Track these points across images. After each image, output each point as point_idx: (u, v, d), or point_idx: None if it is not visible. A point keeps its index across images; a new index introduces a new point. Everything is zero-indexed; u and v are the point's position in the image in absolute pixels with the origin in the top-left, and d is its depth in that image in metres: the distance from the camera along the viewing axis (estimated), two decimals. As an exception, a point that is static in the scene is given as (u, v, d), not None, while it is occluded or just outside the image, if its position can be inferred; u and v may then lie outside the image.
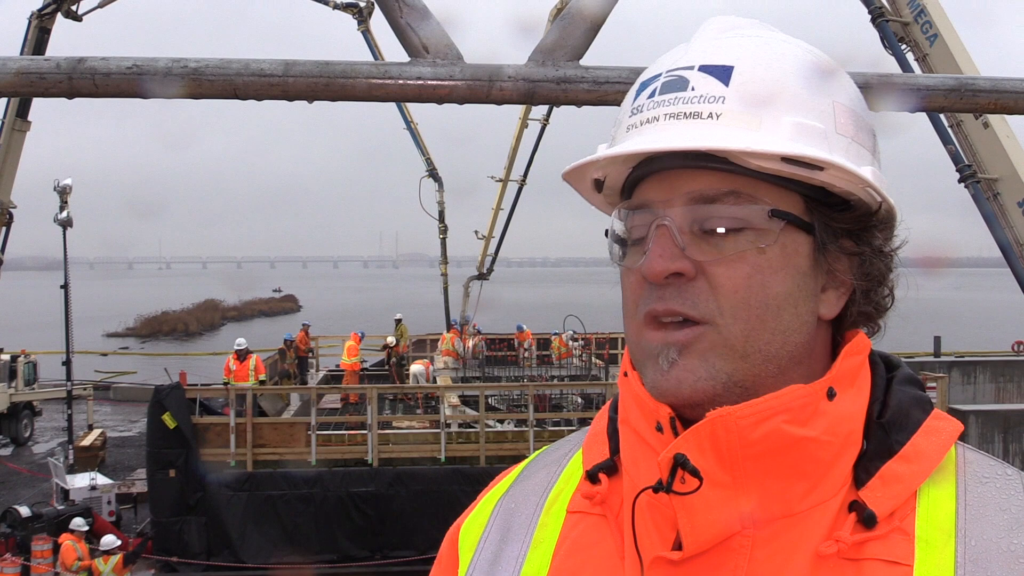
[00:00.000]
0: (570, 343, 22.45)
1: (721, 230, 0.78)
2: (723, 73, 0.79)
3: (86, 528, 13.21)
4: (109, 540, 12.54)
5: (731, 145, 0.75)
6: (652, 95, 0.82)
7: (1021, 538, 0.73)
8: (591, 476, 0.88)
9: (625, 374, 0.87)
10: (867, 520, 0.75)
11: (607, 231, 0.87)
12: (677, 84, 0.81)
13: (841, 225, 0.81)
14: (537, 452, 1.04)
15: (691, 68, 0.81)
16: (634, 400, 0.84)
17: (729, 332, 0.77)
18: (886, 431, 0.79)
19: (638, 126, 0.82)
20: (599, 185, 0.90)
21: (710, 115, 0.78)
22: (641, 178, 0.83)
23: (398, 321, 24.48)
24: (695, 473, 0.76)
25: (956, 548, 0.74)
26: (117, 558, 12.08)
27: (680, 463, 0.76)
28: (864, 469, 0.78)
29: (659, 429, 0.81)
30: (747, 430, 0.75)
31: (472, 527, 0.98)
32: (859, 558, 0.75)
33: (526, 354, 23.35)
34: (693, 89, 0.80)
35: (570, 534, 0.88)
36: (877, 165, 0.83)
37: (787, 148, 0.76)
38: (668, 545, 0.78)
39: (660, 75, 0.83)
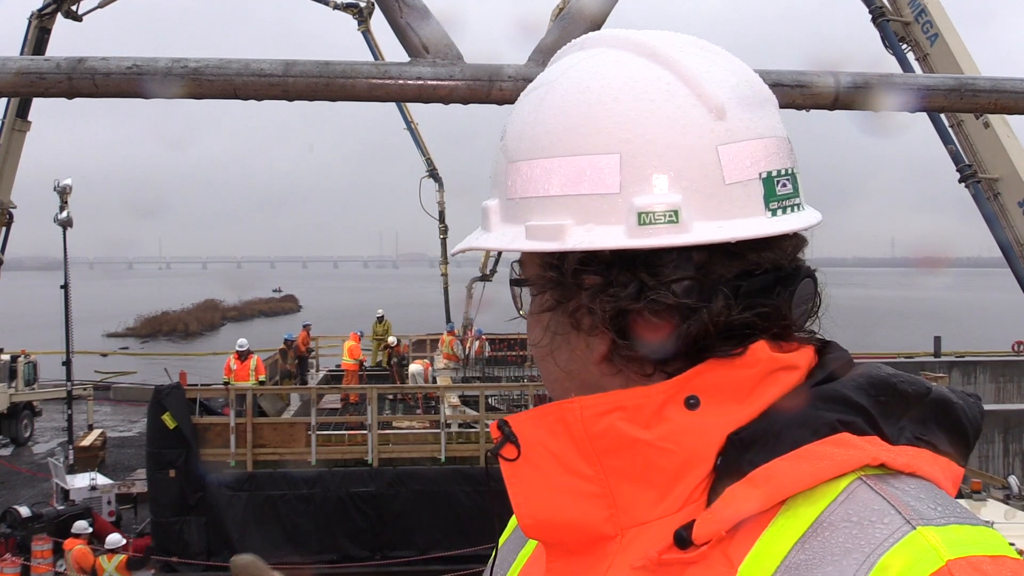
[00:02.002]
0: None
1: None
2: None
3: (89, 530, 13.22)
4: (115, 539, 12.56)
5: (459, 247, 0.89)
6: None
7: None
8: None
9: None
10: (677, 540, 0.71)
11: None
12: None
13: (552, 276, 0.79)
14: None
15: None
16: None
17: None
18: (739, 450, 0.72)
19: None
20: None
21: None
22: None
23: (380, 318, 24.47)
24: (514, 440, 0.78)
25: None
26: (121, 558, 12.09)
27: (500, 427, 0.79)
28: (714, 488, 0.73)
29: None
30: (590, 421, 0.75)
31: (512, 523, 1.02)
32: None
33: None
34: None
35: None
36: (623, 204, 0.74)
37: (457, 247, 0.88)
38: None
39: None
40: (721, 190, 0.74)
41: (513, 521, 0.99)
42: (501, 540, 1.00)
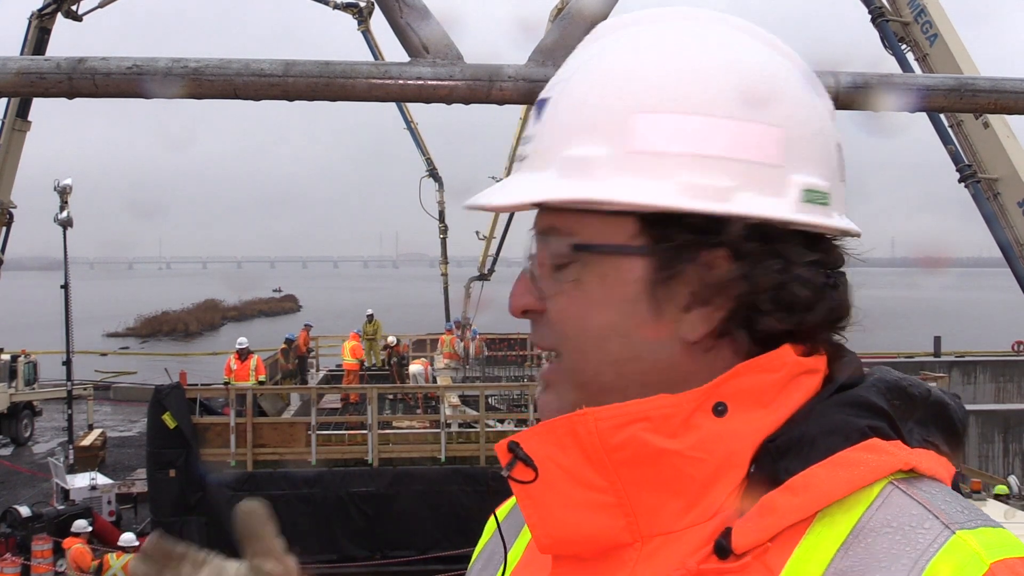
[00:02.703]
0: None
1: (552, 266, 0.78)
2: (541, 107, 0.79)
3: (89, 529, 13.23)
4: (127, 538, 12.58)
5: (482, 201, 0.77)
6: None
7: None
8: None
9: None
10: (718, 549, 0.70)
11: None
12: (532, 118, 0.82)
13: (686, 241, 0.74)
14: None
15: (544, 100, 0.81)
16: None
17: (568, 363, 0.78)
18: (774, 457, 0.72)
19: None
20: None
21: (522, 158, 0.79)
22: None
23: (370, 317, 24.48)
24: (527, 461, 0.75)
25: None
26: (128, 557, 12.09)
27: (511, 449, 0.76)
28: (748, 495, 0.72)
29: None
30: (607, 433, 0.73)
31: (504, 510, 0.99)
32: None
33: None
34: (528, 127, 0.81)
35: None
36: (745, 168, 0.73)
37: (519, 197, 0.76)
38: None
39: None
40: (839, 186, 0.78)
41: (490, 526, 0.97)
42: (478, 548, 0.97)
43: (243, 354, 17.49)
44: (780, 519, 0.69)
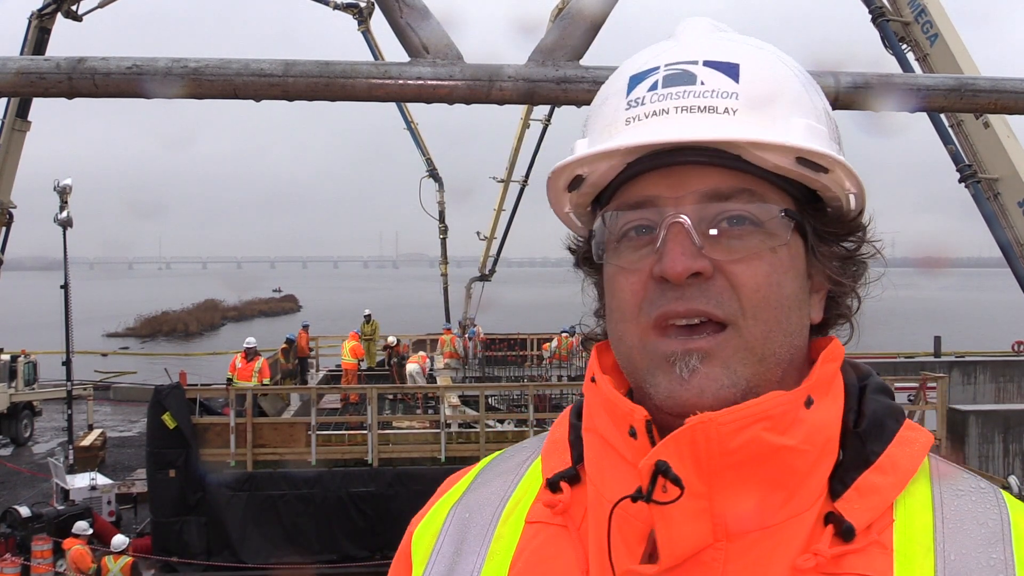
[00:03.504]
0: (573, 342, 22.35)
1: (735, 229, 0.77)
2: (730, 70, 0.78)
3: (90, 531, 13.22)
4: (120, 541, 12.56)
5: (765, 137, 0.75)
6: (654, 88, 0.79)
7: (998, 552, 0.72)
8: (552, 484, 0.85)
9: (592, 379, 0.85)
10: (845, 533, 0.73)
11: (591, 232, 0.85)
12: (683, 78, 0.78)
13: (826, 228, 0.82)
14: (490, 457, 1.00)
15: (694, 63, 0.79)
16: (603, 405, 0.82)
17: (750, 333, 0.75)
18: (862, 441, 0.77)
19: (642, 119, 0.78)
20: (571, 185, 0.86)
21: (726, 110, 0.76)
22: (633, 176, 0.80)
23: (368, 317, 24.45)
24: (676, 481, 0.73)
25: (936, 562, 0.72)
26: (126, 560, 12.06)
27: (661, 471, 0.73)
28: (840, 480, 0.76)
29: (632, 435, 0.78)
30: (727, 437, 0.72)
31: (425, 535, 0.95)
32: (837, 572, 0.73)
33: (544, 355, 23.23)
34: (703, 83, 0.78)
35: (529, 545, 0.84)
36: None
37: (814, 146, 0.76)
38: (636, 558, 0.76)
39: (658, 68, 0.80)
40: None
41: (420, 547, 0.92)
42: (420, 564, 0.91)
43: (250, 354, 17.40)
44: (885, 497, 0.76)
